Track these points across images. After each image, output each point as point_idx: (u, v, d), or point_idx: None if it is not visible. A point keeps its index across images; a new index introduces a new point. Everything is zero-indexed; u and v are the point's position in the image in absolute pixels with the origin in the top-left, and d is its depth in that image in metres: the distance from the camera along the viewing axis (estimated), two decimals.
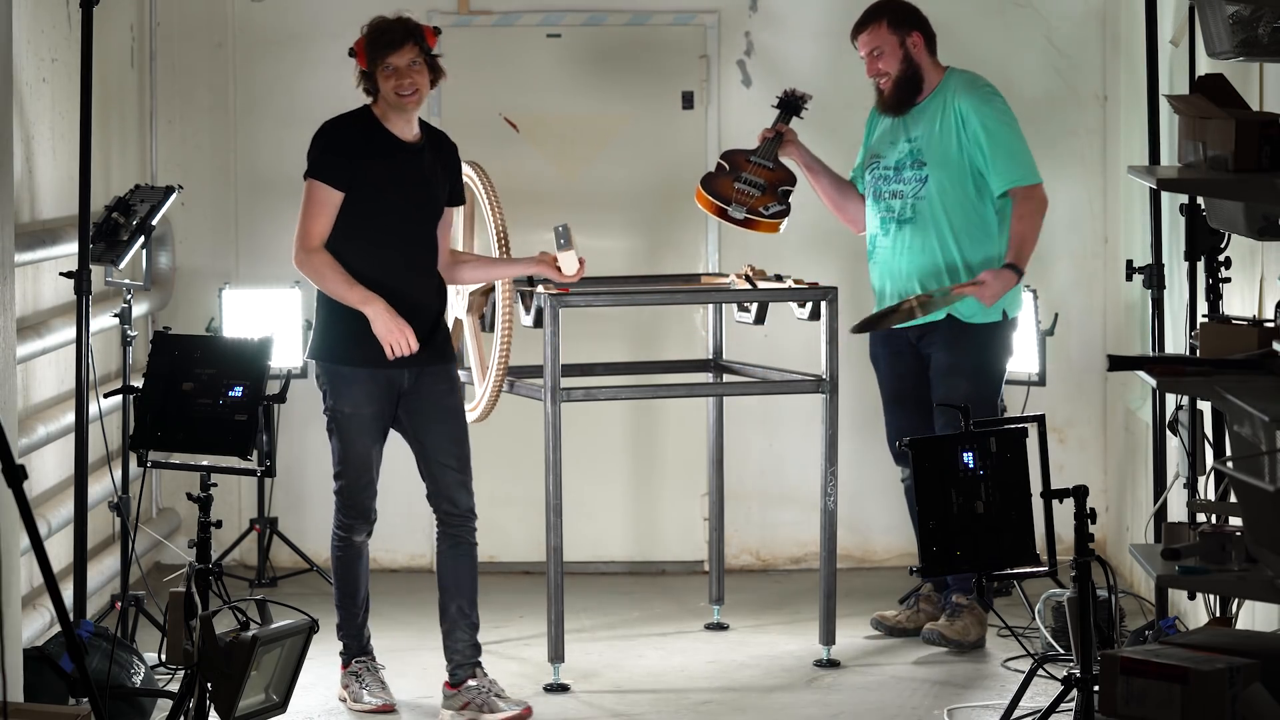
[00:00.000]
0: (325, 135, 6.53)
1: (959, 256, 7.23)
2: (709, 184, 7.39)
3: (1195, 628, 6.18)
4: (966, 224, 7.23)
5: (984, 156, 7.21)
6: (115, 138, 8.20)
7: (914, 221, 7.26)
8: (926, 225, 7.24)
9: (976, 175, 7.24)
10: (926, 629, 7.38)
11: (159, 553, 8.56)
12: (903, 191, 7.28)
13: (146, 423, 5.76)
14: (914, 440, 5.81)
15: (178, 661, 5.55)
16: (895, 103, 7.31)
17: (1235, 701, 4.63)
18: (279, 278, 8.49)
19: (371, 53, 6.47)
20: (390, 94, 6.45)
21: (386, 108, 6.49)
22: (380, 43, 6.45)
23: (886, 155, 7.35)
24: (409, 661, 7.24)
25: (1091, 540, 5.56)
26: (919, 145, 7.27)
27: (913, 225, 7.26)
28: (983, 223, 7.24)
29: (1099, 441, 8.68)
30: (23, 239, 6.63)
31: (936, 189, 7.22)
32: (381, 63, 6.44)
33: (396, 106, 6.46)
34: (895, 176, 7.31)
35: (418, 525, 8.59)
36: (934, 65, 7.35)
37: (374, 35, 6.48)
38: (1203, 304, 6.17)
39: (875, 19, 7.32)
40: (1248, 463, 4.66)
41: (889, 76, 7.30)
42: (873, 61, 7.32)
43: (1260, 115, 5.02)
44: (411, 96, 6.45)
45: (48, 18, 7.26)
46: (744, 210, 7.33)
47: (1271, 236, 5.41)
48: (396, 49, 6.44)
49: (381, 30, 6.48)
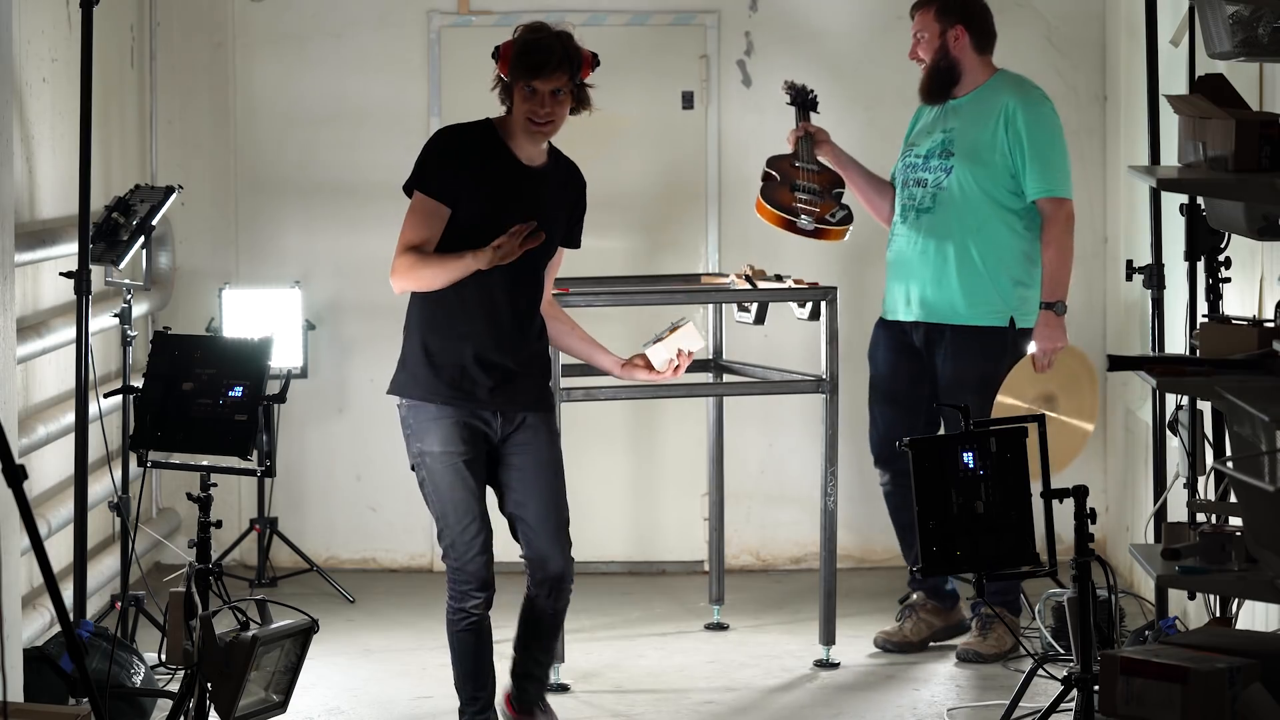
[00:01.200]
0: (435, 142, 5.84)
1: (974, 253, 7.08)
2: (770, 197, 7.24)
3: (1195, 628, 6.18)
4: (983, 222, 7.08)
5: (1023, 158, 7.07)
6: (115, 138, 8.20)
7: (932, 211, 7.13)
8: (945, 217, 7.11)
9: (1010, 176, 7.09)
10: (961, 648, 7.17)
11: (159, 553, 8.56)
12: (926, 180, 7.16)
13: (146, 423, 5.75)
14: (914, 440, 5.80)
15: (178, 661, 5.55)
16: (927, 90, 7.21)
17: (1235, 701, 4.63)
18: (279, 278, 8.50)
19: (517, 67, 5.70)
20: (522, 117, 5.73)
21: (515, 126, 5.77)
22: (529, 62, 5.69)
23: (921, 144, 7.24)
24: (409, 661, 7.24)
25: (1091, 540, 5.56)
26: (952, 136, 7.14)
27: (931, 215, 7.13)
28: (1004, 225, 7.09)
29: (1099, 441, 8.68)
30: (23, 239, 6.63)
31: (958, 181, 7.09)
32: (524, 82, 5.69)
33: (525, 132, 5.76)
34: (923, 165, 7.19)
35: (417, 525, 8.59)
36: (981, 63, 7.20)
37: (524, 50, 5.71)
38: (1203, 304, 6.17)
39: (928, 3, 7.20)
40: (1248, 463, 4.66)
41: (923, 63, 7.21)
42: (915, 45, 7.23)
43: (1260, 115, 5.02)
44: (544, 127, 5.73)
45: (48, 18, 7.26)
46: (813, 220, 7.21)
47: (1271, 236, 5.41)
48: (545, 74, 5.69)
49: (534, 49, 5.71)
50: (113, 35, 8.10)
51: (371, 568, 8.69)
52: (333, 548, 8.69)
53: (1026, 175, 7.08)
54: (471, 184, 5.72)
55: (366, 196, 8.59)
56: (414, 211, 5.78)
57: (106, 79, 7.89)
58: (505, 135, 5.78)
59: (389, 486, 8.64)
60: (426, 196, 5.75)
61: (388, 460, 8.65)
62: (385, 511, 8.72)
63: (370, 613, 7.95)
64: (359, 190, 8.61)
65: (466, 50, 8.58)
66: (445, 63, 8.64)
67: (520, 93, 5.70)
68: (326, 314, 8.59)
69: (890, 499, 7.30)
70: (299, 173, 8.69)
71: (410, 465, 5.91)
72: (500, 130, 5.79)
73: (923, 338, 7.21)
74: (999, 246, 7.10)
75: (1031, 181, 7.08)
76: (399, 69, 8.66)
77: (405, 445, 5.91)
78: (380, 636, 7.57)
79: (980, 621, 7.20)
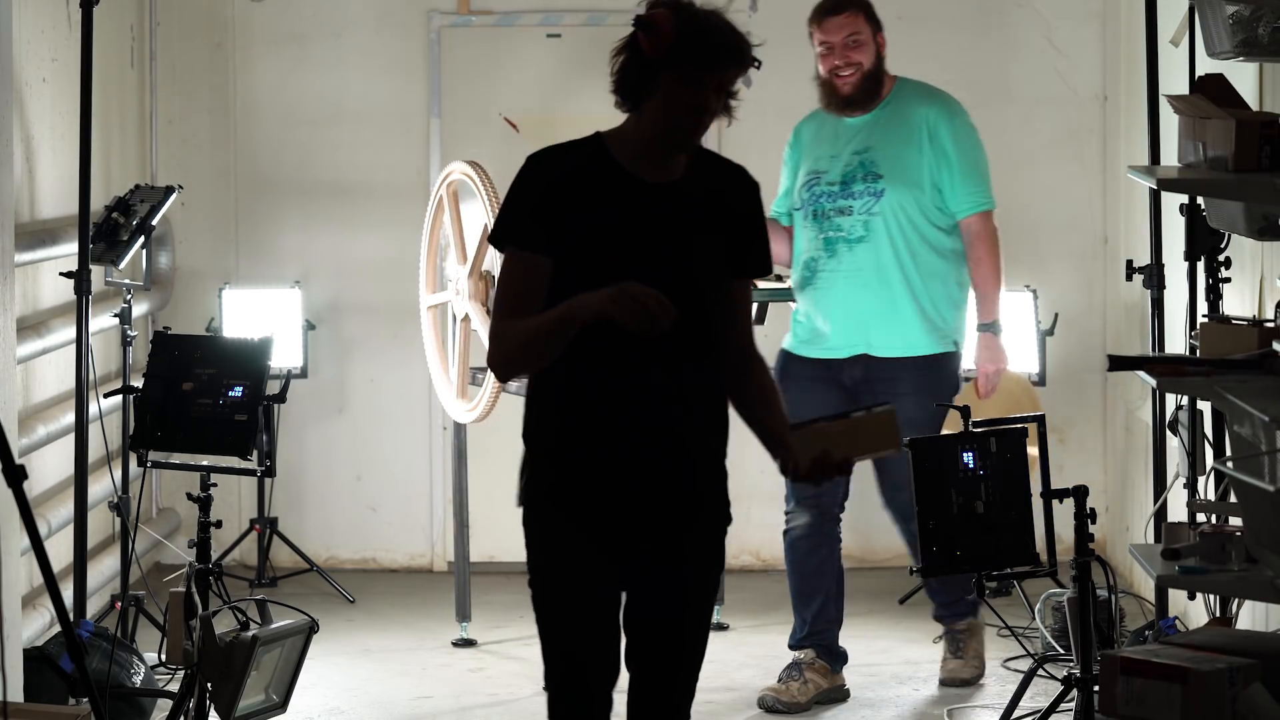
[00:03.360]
0: (525, 175, 4.37)
1: (916, 279, 6.57)
2: None
3: (1195, 628, 6.18)
4: (917, 246, 6.58)
5: (950, 174, 6.58)
6: (115, 138, 8.20)
7: (866, 240, 6.56)
8: (880, 245, 6.55)
9: (934, 192, 6.59)
10: (945, 677, 6.84)
11: (159, 553, 8.56)
12: (851, 208, 6.57)
13: (146, 423, 5.76)
14: (914, 440, 5.80)
15: (178, 661, 5.55)
16: (862, 98, 6.59)
17: (1235, 701, 4.62)
18: (279, 278, 8.50)
19: (700, 61, 4.24)
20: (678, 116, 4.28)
21: (639, 135, 4.32)
22: (722, 59, 4.25)
23: (829, 170, 6.62)
24: (409, 661, 7.24)
25: (1091, 540, 5.56)
26: (872, 157, 6.57)
27: (866, 244, 6.55)
28: (935, 246, 6.61)
29: (1099, 441, 8.68)
30: (23, 239, 6.63)
31: (891, 206, 6.55)
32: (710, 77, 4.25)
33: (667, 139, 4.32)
34: (842, 192, 6.58)
35: (417, 525, 8.60)
36: (886, 72, 6.69)
37: (717, 43, 4.25)
38: (1203, 304, 6.17)
39: (853, 5, 6.61)
40: (1248, 463, 4.66)
41: (860, 69, 6.57)
42: (845, 50, 6.56)
43: (1260, 115, 5.02)
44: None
45: (48, 18, 7.26)
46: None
47: (1271, 236, 5.40)
48: (729, 70, 4.28)
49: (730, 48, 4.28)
50: (113, 35, 8.10)
51: (371, 568, 8.69)
52: (332, 548, 8.69)
53: (956, 192, 6.61)
54: (570, 214, 4.28)
55: (367, 196, 8.60)
56: (501, 275, 4.37)
57: (106, 79, 7.89)
58: (622, 151, 4.33)
59: (389, 486, 8.64)
60: (520, 250, 4.31)
61: (388, 460, 8.66)
62: (385, 511, 8.72)
63: (370, 613, 7.95)
64: (359, 190, 8.62)
65: (466, 50, 8.58)
66: (445, 63, 8.64)
67: (685, 90, 4.23)
68: (326, 314, 8.59)
69: (797, 546, 6.76)
70: (299, 173, 8.69)
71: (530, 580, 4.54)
72: (613, 146, 4.35)
73: (860, 374, 6.62)
74: (936, 269, 6.63)
75: (963, 198, 6.62)
76: (399, 69, 8.65)
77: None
78: (380, 636, 7.57)
79: (951, 643, 6.87)
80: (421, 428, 8.62)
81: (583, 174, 4.31)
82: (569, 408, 4.31)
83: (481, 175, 7.03)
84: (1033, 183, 8.63)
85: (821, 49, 6.64)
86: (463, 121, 8.52)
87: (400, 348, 8.51)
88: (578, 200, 4.27)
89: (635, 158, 4.30)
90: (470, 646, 7.40)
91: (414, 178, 8.56)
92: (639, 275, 4.17)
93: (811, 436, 4.23)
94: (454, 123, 8.57)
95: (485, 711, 6.69)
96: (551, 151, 4.37)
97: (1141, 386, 7.40)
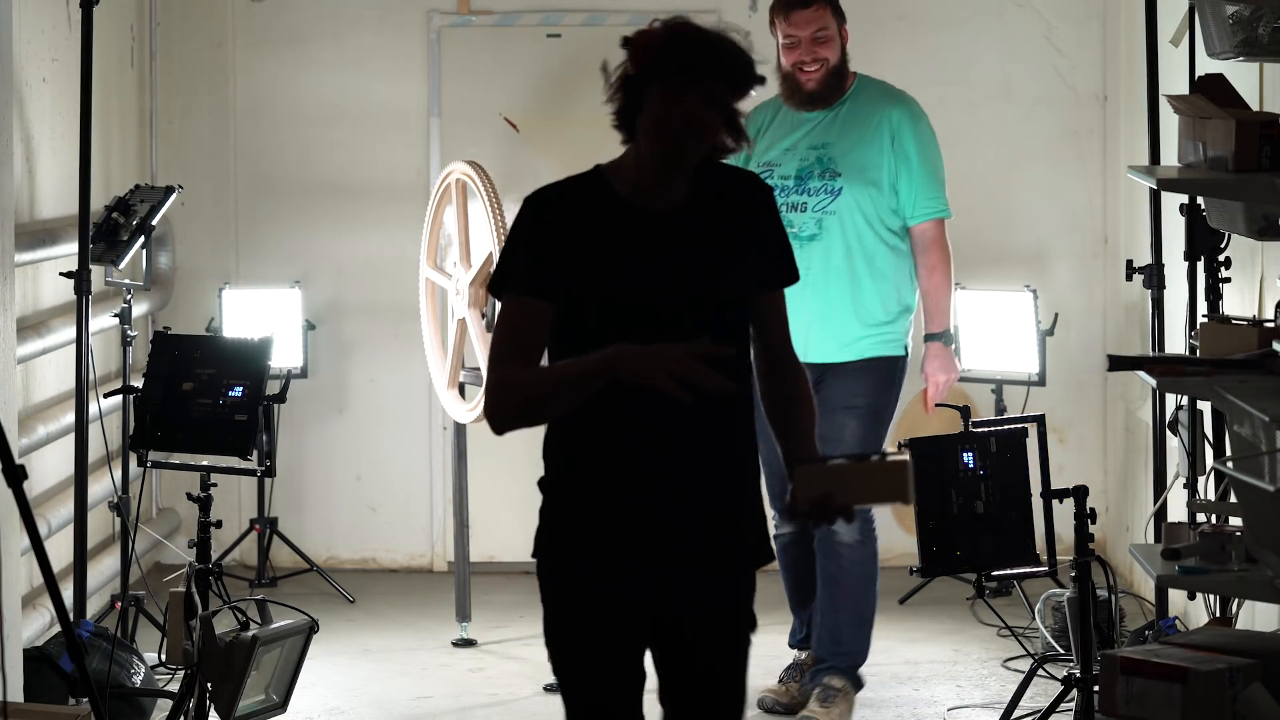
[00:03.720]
0: (523, 219, 4.14)
1: (867, 281, 6.39)
2: None
3: (1195, 628, 6.18)
4: (871, 247, 6.41)
5: (910, 178, 6.40)
6: (115, 138, 8.20)
7: (819, 239, 6.38)
8: (832, 244, 6.38)
9: (891, 194, 6.41)
10: (802, 715, 6.45)
11: (159, 553, 8.56)
12: (806, 204, 6.40)
13: (146, 423, 5.76)
14: (913, 440, 5.80)
15: (178, 661, 5.55)
16: (825, 94, 6.40)
17: (1235, 701, 4.63)
18: (279, 278, 8.50)
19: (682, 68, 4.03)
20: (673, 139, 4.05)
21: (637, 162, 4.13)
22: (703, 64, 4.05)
23: (783, 164, 6.44)
24: (409, 661, 7.24)
25: (1091, 540, 5.57)
26: (831, 154, 6.41)
27: (818, 243, 6.37)
28: (888, 248, 6.43)
29: (1099, 441, 8.68)
30: (23, 239, 6.63)
31: (847, 205, 6.37)
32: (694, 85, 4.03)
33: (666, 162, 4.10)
34: (797, 187, 6.41)
35: (417, 525, 8.60)
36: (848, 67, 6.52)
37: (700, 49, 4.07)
38: (1203, 304, 6.17)
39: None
40: (1248, 463, 4.66)
41: (826, 65, 6.38)
42: (812, 45, 6.38)
43: (1260, 115, 5.02)
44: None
45: (48, 18, 7.26)
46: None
47: (1271, 236, 5.40)
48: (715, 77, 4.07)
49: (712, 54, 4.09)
50: (113, 35, 8.10)
51: (371, 568, 8.69)
52: (332, 548, 8.69)
53: (915, 197, 6.43)
54: (569, 255, 4.05)
55: (366, 196, 8.59)
56: (503, 317, 4.11)
57: (106, 79, 7.89)
58: (622, 182, 4.14)
59: (389, 486, 8.64)
60: (518, 296, 4.07)
61: (388, 460, 8.66)
62: (385, 511, 8.72)
63: (370, 613, 7.95)
64: (359, 190, 8.62)
65: (466, 50, 8.58)
66: (445, 63, 8.64)
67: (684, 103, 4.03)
68: (326, 314, 8.59)
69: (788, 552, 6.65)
70: (299, 173, 8.69)
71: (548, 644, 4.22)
72: (613, 178, 4.17)
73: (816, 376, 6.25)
74: (888, 271, 6.44)
75: (920, 203, 6.43)
76: (399, 69, 8.65)
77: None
78: (380, 636, 7.57)
79: (822, 693, 6.47)
80: (421, 428, 8.62)
81: (581, 211, 4.11)
82: (596, 454, 4.06)
83: (481, 175, 7.03)
84: (1033, 183, 8.63)
85: (786, 42, 6.44)
86: (463, 121, 8.52)
87: (400, 348, 8.52)
88: (578, 239, 4.06)
89: (635, 186, 4.10)
90: (470, 646, 7.40)
91: (414, 178, 8.56)
92: (647, 309, 4.01)
93: (819, 475, 4.00)
94: (454, 123, 8.57)
95: (485, 711, 6.69)
96: (548, 191, 4.16)
97: (1141, 386, 7.40)
